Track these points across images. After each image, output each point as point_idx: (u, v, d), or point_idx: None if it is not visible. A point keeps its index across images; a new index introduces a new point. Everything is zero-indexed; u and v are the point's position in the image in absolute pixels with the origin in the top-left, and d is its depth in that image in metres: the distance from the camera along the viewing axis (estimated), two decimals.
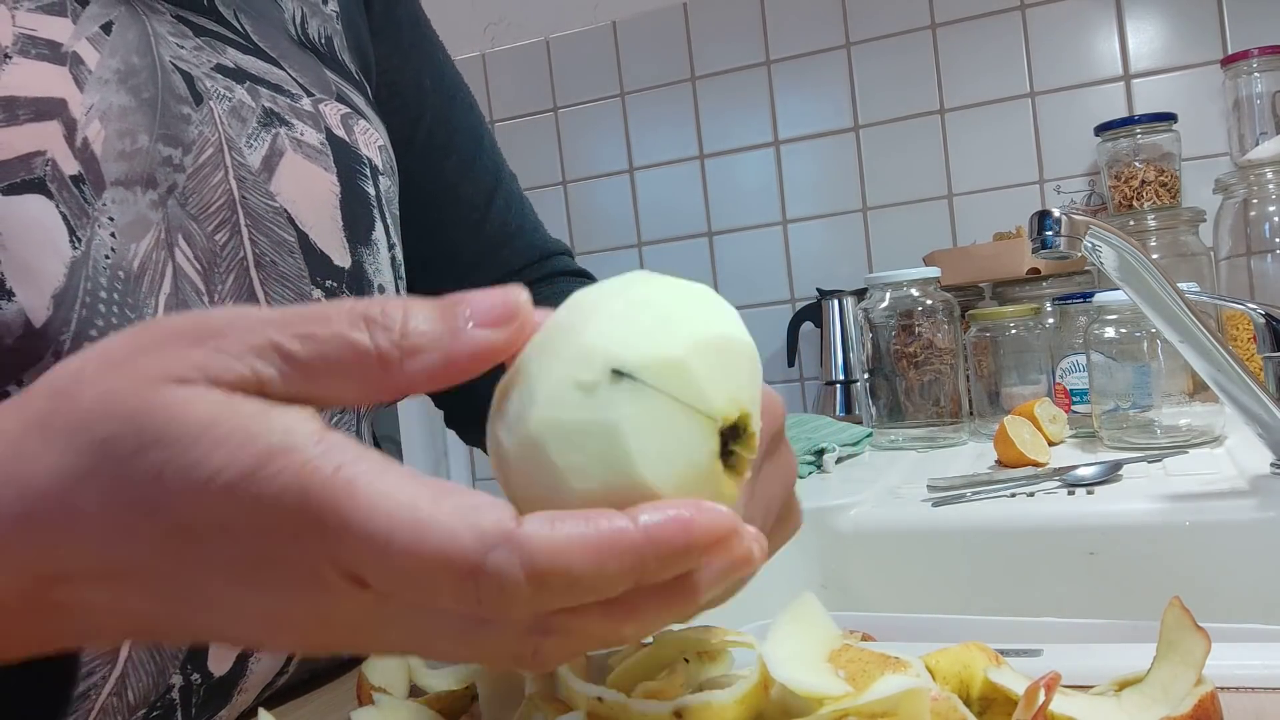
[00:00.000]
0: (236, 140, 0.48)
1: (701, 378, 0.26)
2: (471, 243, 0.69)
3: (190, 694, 0.45)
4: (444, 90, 0.70)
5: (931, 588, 0.79)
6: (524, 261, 0.71)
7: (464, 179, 0.69)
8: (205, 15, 0.51)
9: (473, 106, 0.72)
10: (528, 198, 0.74)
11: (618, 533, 0.24)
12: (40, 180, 0.41)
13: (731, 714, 0.33)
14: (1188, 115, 1.35)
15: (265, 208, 0.49)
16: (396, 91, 0.67)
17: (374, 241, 0.54)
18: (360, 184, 0.54)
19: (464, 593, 0.24)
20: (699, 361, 0.26)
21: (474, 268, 0.69)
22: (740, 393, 0.27)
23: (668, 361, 0.26)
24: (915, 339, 1.11)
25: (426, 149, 0.68)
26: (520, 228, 0.71)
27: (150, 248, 0.44)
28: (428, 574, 0.24)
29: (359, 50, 0.63)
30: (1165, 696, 0.32)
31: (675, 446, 0.26)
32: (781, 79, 1.62)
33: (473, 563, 0.24)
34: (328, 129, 0.53)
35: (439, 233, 0.68)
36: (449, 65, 0.72)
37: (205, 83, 0.48)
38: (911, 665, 0.33)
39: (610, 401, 0.26)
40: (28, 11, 0.43)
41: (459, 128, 0.70)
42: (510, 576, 0.24)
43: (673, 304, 0.28)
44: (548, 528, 0.24)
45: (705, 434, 0.26)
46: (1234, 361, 0.71)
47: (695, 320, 0.27)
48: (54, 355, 0.40)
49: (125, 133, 0.44)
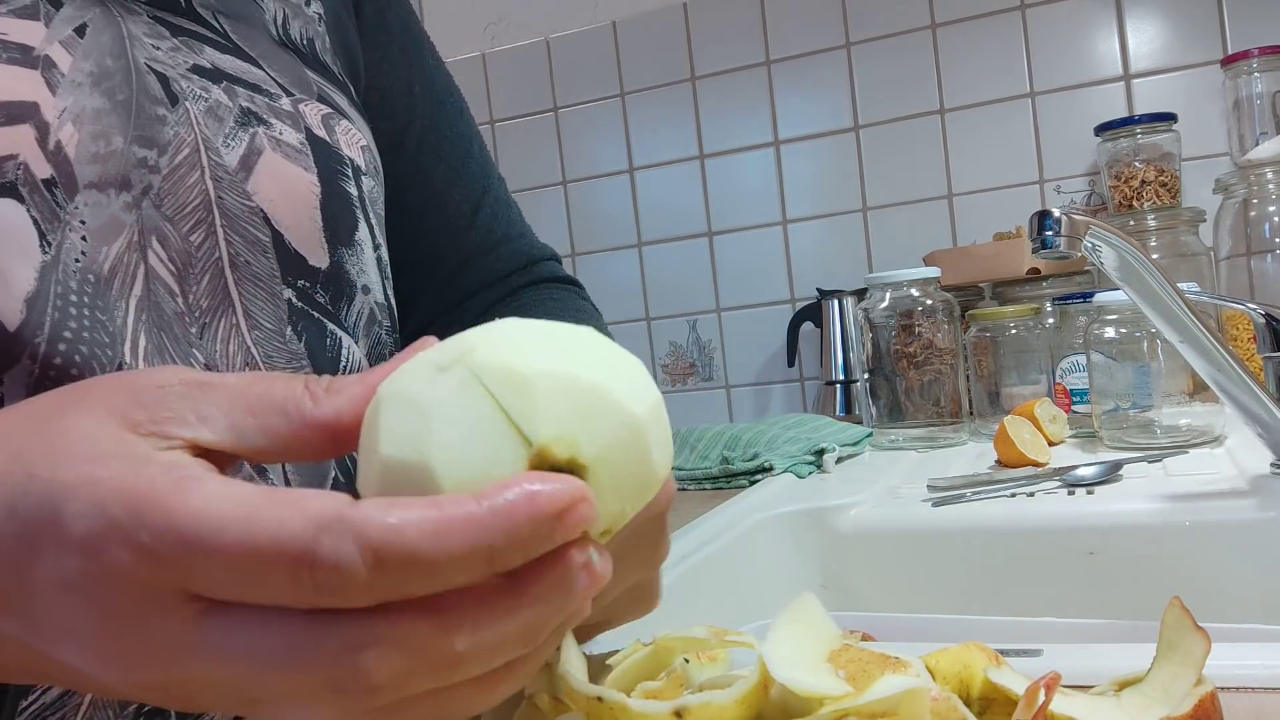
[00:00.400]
0: (213, 140, 0.48)
1: (541, 405, 0.25)
2: (458, 249, 0.69)
3: None
4: (434, 97, 0.69)
5: (931, 588, 0.79)
6: (511, 267, 0.71)
7: (452, 186, 0.69)
8: (183, 16, 0.51)
9: (463, 112, 0.72)
10: (516, 203, 0.74)
11: (461, 510, 0.24)
12: (11, 184, 0.41)
13: (731, 714, 0.33)
14: (1188, 115, 1.35)
15: (241, 207, 0.48)
16: (386, 97, 0.66)
17: (357, 242, 0.54)
18: (342, 184, 0.53)
19: (299, 581, 0.23)
20: (549, 391, 0.26)
21: (460, 273, 0.69)
22: (585, 445, 0.26)
23: (513, 372, 0.26)
24: (915, 339, 1.11)
25: (415, 155, 0.68)
26: (507, 235, 0.71)
27: (122, 250, 0.44)
28: (260, 564, 0.23)
29: (346, 52, 0.62)
30: (1165, 696, 0.32)
31: (478, 449, 0.25)
32: (781, 79, 1.62)
33: (305, 546, 0.23)
34: (308, 129, 0.52)
35: (426, 238, 0.68)
36: (440, 70, 0.71)
37: (181, 83, 0.48)
38: (911, 665, 0.33)
39: (442, 383, 0.26)
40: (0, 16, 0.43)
41: (448, 135, 0.69)
42: (345, 556, 0.23)
43: (587, 349, 0.27)
44: (384, 509, 0.24)
45: (513, 451, 0.25)
46: (1234, 361, 0.71)
47: (589, 367, 0.27)
48: (29, 358, 0.40)
49: (99, 135, 0.44)
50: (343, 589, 0.23)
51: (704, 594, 0.69)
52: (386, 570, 0.23)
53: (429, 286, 0.68)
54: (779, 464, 1.00)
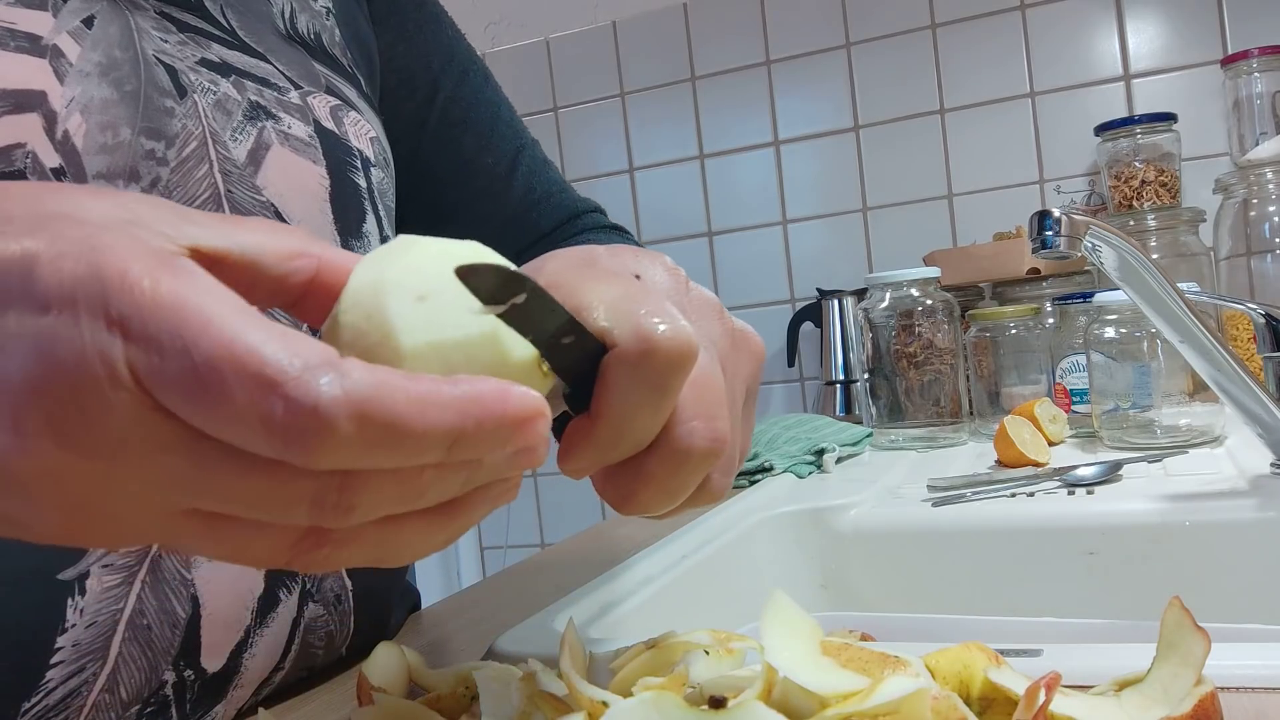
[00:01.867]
0: (221, 133, 0.48)
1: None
2: (499, 211, 0.70)
3: (184, 690, 0.45)
4: (455, 68, 0.70)
5: (931, 588, 0.79)
6: (554, 223, 0.71)
7: (484, 151, 0.69)
8: (190, 11, 0.51)
9: (488, 78, 0.72)
10: (553, 163, 0.74)
11: (440, 387, 0.24)
12: (20, 173, 0.41)
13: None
14: (1188, 115, 1.35)
15: (252, 201, 0.48)
16: (406, 77, 0.67)
17: (365, 234, 0.54)
18: (351, 176, 0.54)
19: (267, 416, 0.22)
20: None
21: (504, 233, 0.70)
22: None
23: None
24: (915, 339, 1.11)
25: (441, 127, 0.68)
26: (548, 192, 0.72)
27: None
28: (229, 377, 0.22)
29: (358, 41, 0.63)
30: (1165, 696, 0.32)
31: (443, 314, 0.27)
32: (781, 79, 1.62)
33: (287, 376, 0.22)
34: (316, 121, 0.53)
35: (465, 206, 0.69)
36: (460, 42, 0.72)
37: (189, 76, 0.48)
38: (910, 663, 0.33)
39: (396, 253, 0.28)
40: (7, 5, 0.43)
41: (474, 102, 0.70)
42: (330, 400, 0.22)
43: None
44: (370, 369, 0.23)
45: (480, 317, 0.27)
46: (1234, 361, 0.71)
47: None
48: None
49: (107, 125, 0.44)
50: (315, 436, 0.22)
51: (704, 594, 0.69)
52: (366, 428, 0.22)
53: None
54: (779, 464, 1.00)
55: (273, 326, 0.23)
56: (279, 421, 0.22)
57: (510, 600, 0.66)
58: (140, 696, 0.44)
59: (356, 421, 0.22)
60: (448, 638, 0.61)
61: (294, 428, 0.22)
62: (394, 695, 0.42)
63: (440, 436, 0.24)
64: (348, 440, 0.22)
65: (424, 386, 0.23)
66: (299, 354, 0.22)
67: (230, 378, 0.22)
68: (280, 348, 0.22)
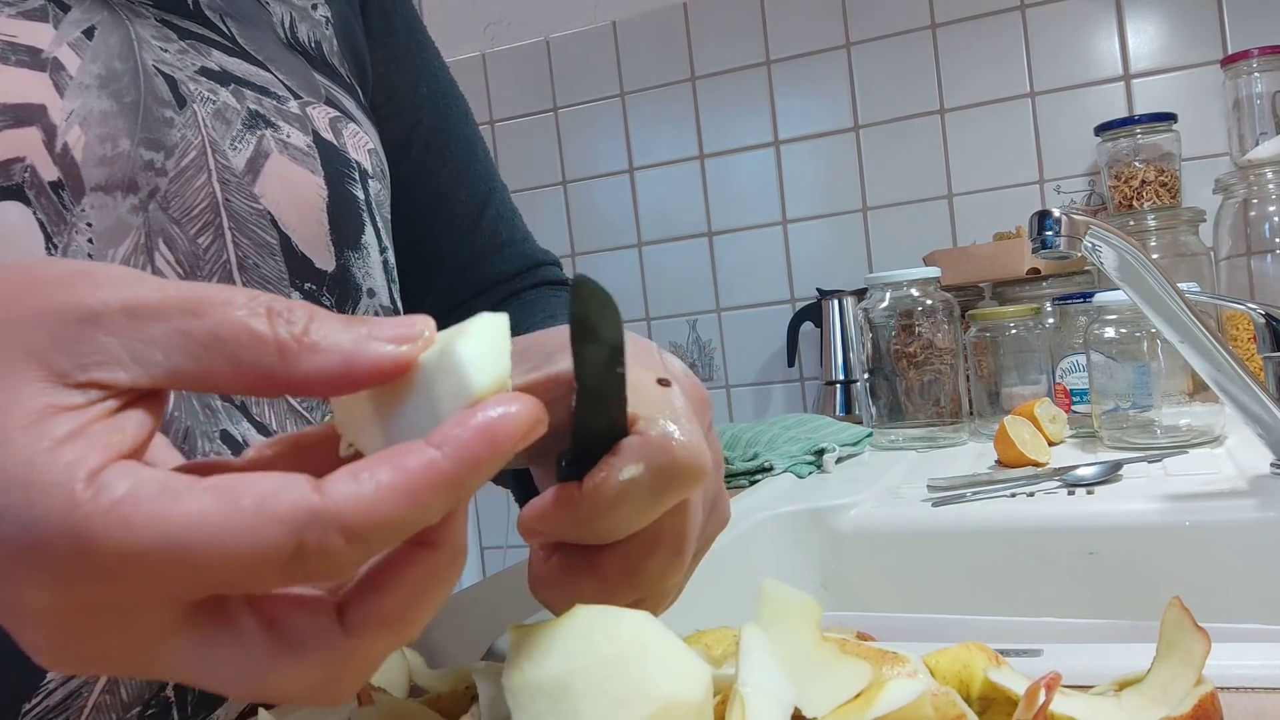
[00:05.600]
0: (220, 143, 0.48)
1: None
2: (461, 250, 0.70)
3: (185, 692, 0.45)
4: (439, 98, 0.70)
5: (931, 588, 0.79)
6: (515, 270, 0.71)
7: (458, 186, 0.69)
8: (190, 19, 0.51)
9: (468, 115, 0.72)
10: (518, 209, 0.75)
11: (427, 467, 0.24)
12: (18, 187, 0.41)
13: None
14: (1188, 115, 1.35)
15: (249, 210, 0.48)
16: (393, 97, 0.67)
17: (364, 245, 0.54)
18: (348, 187, 0.54)
19: (293, 576, 0.24)
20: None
21: (462, 274, 0.69)
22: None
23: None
24: (915, 339, 1.11)
25: (422, 156, 0.68)
26: (510, 238, 0.72)
27: (129, 252, 0.44)
28: (248, 572, 0.23)
29: (354, 53, 0.63)
30: (1165, 696, 0.32)
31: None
32: (781, 79, 1.62)
33: (291, 552, 0.23)
34: (315, 132, 0.53)
35: (430, 239, 0.69)
36: (444, 73, 0.72)
37: (189, 86, 0.48)
38: (909, 661, 0.33)
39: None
40: (8, 18, 0.43)
41: (454, 136, 0.70)
42: (333, 548, 0.23)
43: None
44: (353, 484, 0.24)
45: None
46: (1234, 361, 0.71)
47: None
48: None
49: (106, 137, 0.44)
50: (338, 570, 0.24)
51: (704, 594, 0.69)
52: (372, 542, 0.24)
53: (434, 285, 0.68)
54: (779, 464, 1.00)
55: (240, 508, 0.23)
56: (300, 577, 0.24)
57: (510, 600, 0.66)
58: (141, 699, 0.44)
59: (361, 544, 0.24)
60: (448, 638, 0.61)
61: (318, 574, 0.24)
62: (394, 695, 0.42)
63: (441, 505, 0.25)
64: (363, 552, 0.24)
65: (413, 477, 0.24)
66: (282, 520, 0.23)
67: (247, 574, 0.24)
68: (267, 535, 0.23)
